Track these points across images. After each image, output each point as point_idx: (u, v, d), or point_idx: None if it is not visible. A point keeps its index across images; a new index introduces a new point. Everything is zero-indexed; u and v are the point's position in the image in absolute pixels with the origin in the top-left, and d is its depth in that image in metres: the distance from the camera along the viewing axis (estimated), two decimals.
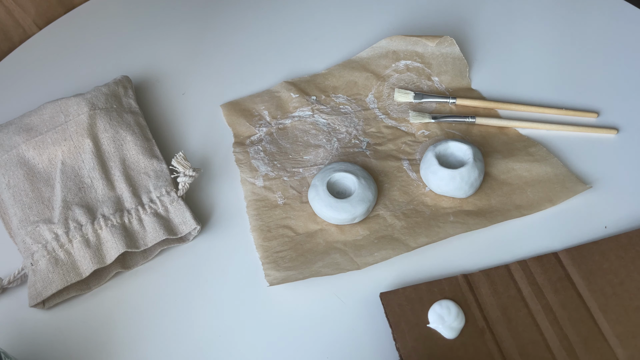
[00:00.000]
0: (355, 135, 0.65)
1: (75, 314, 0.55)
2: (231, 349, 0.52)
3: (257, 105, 0.69)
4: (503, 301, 0.51)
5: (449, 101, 0.66)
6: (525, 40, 0.72)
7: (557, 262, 0.53)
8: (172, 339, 0.53)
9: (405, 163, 0.62)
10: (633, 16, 0.73)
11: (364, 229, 0.57)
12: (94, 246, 0.55)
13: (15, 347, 0.53)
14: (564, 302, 0.51)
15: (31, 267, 0.54)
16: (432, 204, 0.59)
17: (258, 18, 0.79)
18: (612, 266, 0.52)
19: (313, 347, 0.51)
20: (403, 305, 0.51)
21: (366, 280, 0.55)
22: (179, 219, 0.57)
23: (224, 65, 0.74)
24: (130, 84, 0.68)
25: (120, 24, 0.80)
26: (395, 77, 0.69)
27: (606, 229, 0.56)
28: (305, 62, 0.73)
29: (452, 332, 0.49)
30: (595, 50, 0.70)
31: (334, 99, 0.68)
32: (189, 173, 0.58)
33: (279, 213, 0.59)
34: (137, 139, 0.62)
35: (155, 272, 0.57)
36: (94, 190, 0.58)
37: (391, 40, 0.71)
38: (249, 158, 0.64)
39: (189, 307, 0.55)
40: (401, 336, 0.50)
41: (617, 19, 0.73)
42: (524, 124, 0.63)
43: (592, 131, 0.63)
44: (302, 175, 0.62)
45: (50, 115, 0.61)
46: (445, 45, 0.69)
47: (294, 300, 0.54)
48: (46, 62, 0.76)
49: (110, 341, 0.53)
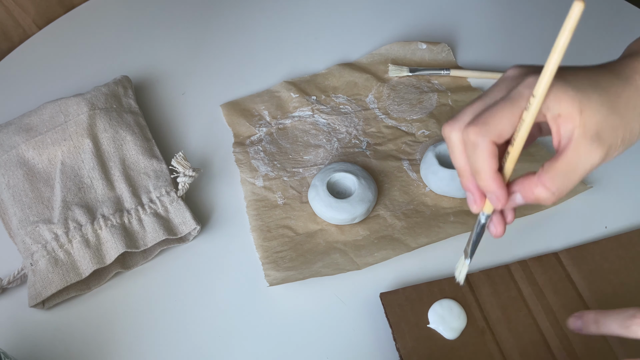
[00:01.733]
0: (355, 135, 0.65)
1: (75, 314, 0.55)
2: (231, 349, 0.52)
3: (257, 105, 0.68)
4: (503, 301, 0.51)
5: (442, 72, 0.69)
6: (525, 40, 0.72)
7: (558, 262, 0.53)
8: (172, 339, 0.53)
9: (405, 163, 0.62)
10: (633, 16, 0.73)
11: (364, 229, 0.57)
12: (94, 246, 0.55)
13: (15, 347, 0.53)
14: (564, 303, 0.51)
15: (31, 267, 0.54)
16: (432, 204, 0.59)
17: (258, 18, 0.79)
18: (613, 266, 0.52)
19: (313, 347, 0.51)
20: (403, 305, 0.51)
21: (366, 280, 0.55)
22: (178, 219, 0.57)
23: (224, 65, 0.74)
24: (130, 84, 0.68)
25: (120, 24, 0.80)
26: (395, 80, 0.70)
27: (606, 229, 0.56)
28: (305, 62, 0.73)
29: (452, 333, 0.49)
30: (595, 50, 0.70)
31: (334, 99, 0.68)
32: (188, 173, 0.58)
33: (279, 213, 0.59)
34: (137, 139, 0.62)
35: (155, 272, 0.57)
36: (94, 190, 0.58)
37: (390, 47, 0.72)
38: (249, 158, 0.64)
39: (189, 307, 0.55)
40: (401, 336, 0.50)
41: (616, 18, 0.73)
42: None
43: None
44: (302, 175, 0.62)
45: (50, 115, 0.61)
46: (441, 52, 0.71)
47: (294, 300, 0.54)
48: (46, 62, 0.76)
49: (110, 341, 0.53)
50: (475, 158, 0.39)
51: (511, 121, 0.38)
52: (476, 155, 0.39)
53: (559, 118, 0.37)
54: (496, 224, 0.43)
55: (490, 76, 0.69)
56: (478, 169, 0.39)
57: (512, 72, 0.40)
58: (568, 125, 0.37)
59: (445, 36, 0.74)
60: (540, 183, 0.39)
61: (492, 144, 0.38)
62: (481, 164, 0.39)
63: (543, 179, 0.38)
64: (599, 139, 0.37)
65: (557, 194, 0.39)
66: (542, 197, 0.39)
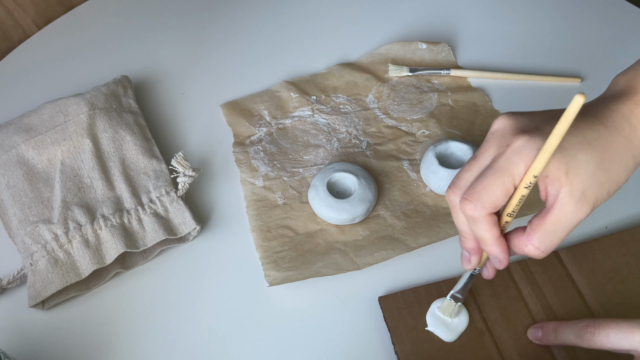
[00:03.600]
0: (355, 135, 0.65)
1: (75, 314, 0.55)
2: (231, 349, 0.52)
3: (257, 105, 0.68)
4: (503, 302, 0.51)
5: (442, 72, 0.69)
6: (525, 41, 0.72)
7: (558, 260, 0.53)
8: (172, 339, 0.53)
9: (405, 163, 0.62)
10: (633, 16, 0.73)
11: (364, 229, 0.57)
12: (94, 246, 0.55)
13: (15, 347, 0.53)
14: (564, 302, 0.51)
15: (30, 268, 0.54)
16: (433, 204, 0.59)
17: (258, 18, 0.79)
18: (614, 264, 0.52)
19: (313, 347, 0.51)
20: (401, 308, 0.51)
21: (366, 280, 0.55)
22: (178, 219, 0.57)
23: (224, 65, 0.74)
24: (130, 83, 0.68)
25: (120, 24, 0.80)
26: (395, 80, 0.70)
27: (607, 229, 0.56)
28: (305, 62, 0.73)
29: (451, 335, 0.49)
30: (596, 50, 0.70)
31: (334, 99, 0.68)
32: (188, 173, 0.58)
33: (279, 213, 0.59)
34: (136, 139, 0.62)
35: (155, 272, 0.57)
36: (94, 190, 0.58)
37: (390, 47, 0.72)
38: (249, 158, 0.64)
39: (188, 307, 0.55)
40: (399, 340, 0.50)
41: (616, 18, 0.73)
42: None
43: None
44: (302, 175, 0.62)
45: (49, 115, 0.61)
46: (441, 52, 0.71)
47: (294, 300, 0.54)
48: (46, 62, 0.76)
49: (110, 341, 0.53)
50: (477, 229, 0.41)
51: (503, 192, 0.39)
52: (477, 227, 0.41)
53: (546, 178, 0.39)
54: (489, 270, 0.46)
55: (490, 76, 0.69)
56: (481, 237, 0.42)
57: (500, 126, 0.41)
58: (555, 185, 0.39)
59: (445, 36, 0.74)
60: (529, 242, 0.40)
61: (490, 216, 0.40)
62: (483, 234, 0.41)
63: (531, 239, 0.40)
64: (584, 197, 0.39)
65: (545, 251, 0.40)
66: (532, 254, 0.41)
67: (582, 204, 0.39)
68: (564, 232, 0.39)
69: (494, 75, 0.69)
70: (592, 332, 0.44)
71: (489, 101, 0.67)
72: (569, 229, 0.39)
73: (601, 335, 0.43)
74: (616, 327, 0.43)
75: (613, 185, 0.40)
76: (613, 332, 0.43)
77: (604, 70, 0.68)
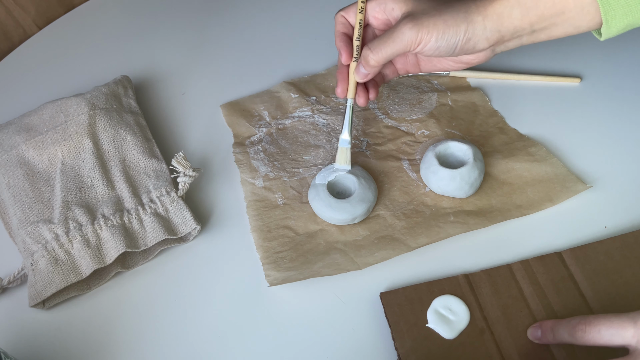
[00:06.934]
0: (355, 135, 0.65)
1: (75, 314, 0.55)
2: (231, 349, 0.52)
3: (257, 106, 0.69)
4: (504, 301, 0.51)
5: (442, 72, 0.69)
6: None
7: (561, 261, 0.53)
8: (172, 339, 0.53)
9: (405, 163, 0.62)
10: None
11: (364, 229, 0.57)
12: (94, 246, 0.55)
13: (15, 347, 0.53)
14: (566, 303, 0.50)
15: (31, 267, 0.54)
16: (432, 204, 0.59)
17: (258, 18, 0.79)
18: (617, 266, 0.52)
19: (313, 347, 0.51)
20: (403, 305, 0.51)
21: (366, 280, 0.55)
22: (179, 219, 0.57)
23: (224, 65, 0.74)
24: (130, 84, 0.68)
25: (120, 24, 0.80)
26: (395, 80, 0.70)
27: (606, 228, 0.56)
28: (305, 62, 0.73)
29: (451, 332, 0.49)
30: (595, 49, 0.70)
31: (333, 99, 0.68)
32: (189, 173, 0.58)
33: (279, 213, 0.59)
34: (137, 139, 0.62)
35: (155, 272, 0.57)
36: (94, 190, 0.58)
37: None
38: (249, 158, 0.64)
39: (189, 307, 0.55)
40: (400, 336, 0.50)
41: None
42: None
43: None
44: (302, 175, 0.62)
45: (50, 115, 0.61)
46: None
47: (294, 300, 0.54)
48: (46, 62, 0.76)
49: (110, 341, 0.53)
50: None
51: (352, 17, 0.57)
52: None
53: (392, 11, 0.54)
54: (360, 95, 0.58)
55: (490, 76, 0.69)
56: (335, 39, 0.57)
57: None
58: (396, 12, 0.53)
59: None
60: (366, 47, 0.53)
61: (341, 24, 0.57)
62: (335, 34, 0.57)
63: (369, 44, 0.53)
64: (415, 19, 0.50)
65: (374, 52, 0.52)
66: (365, 55, 0.53)
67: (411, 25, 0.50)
68: (391, 40, 0.51)
69: (494, 75, 0.69)
70: (583, 329, 0.43)
71: (489, 101, 0.67)
72: (397, 42, 0.51)
73: (592, 332, 0.43)
74: (607, 322, 0.43)
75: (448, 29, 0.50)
76: (604, 328, 0.43)
77: (603, 70, 0.68)
